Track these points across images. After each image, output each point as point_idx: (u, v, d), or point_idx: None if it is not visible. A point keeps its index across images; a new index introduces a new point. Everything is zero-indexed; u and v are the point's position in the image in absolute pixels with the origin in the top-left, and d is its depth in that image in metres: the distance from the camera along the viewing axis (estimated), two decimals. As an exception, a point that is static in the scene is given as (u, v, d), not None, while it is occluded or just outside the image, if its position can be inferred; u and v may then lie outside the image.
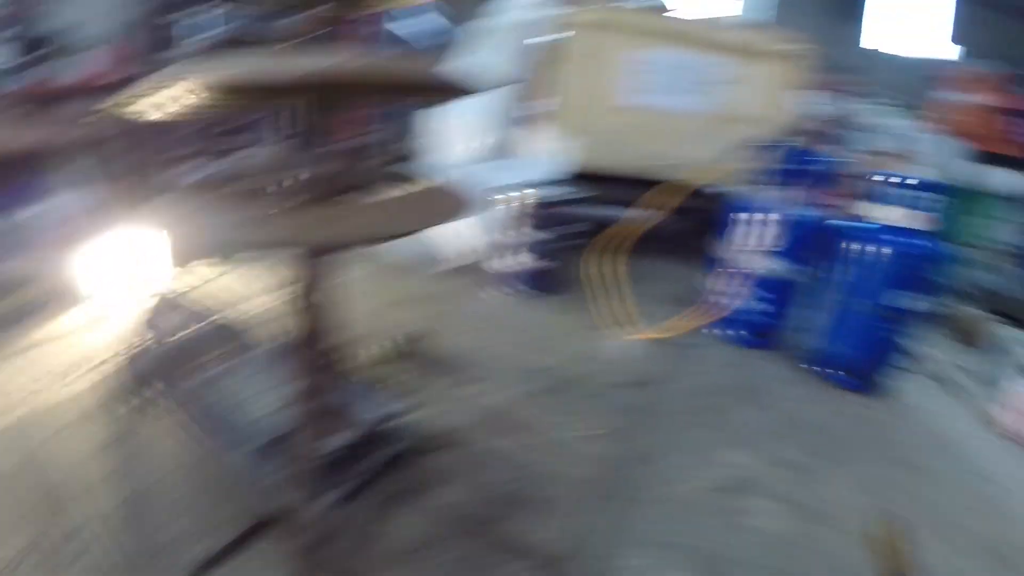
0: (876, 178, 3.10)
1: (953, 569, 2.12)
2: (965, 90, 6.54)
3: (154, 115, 1.51)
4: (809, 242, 3.25)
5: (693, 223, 5.49)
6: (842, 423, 2.89)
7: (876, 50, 7.26)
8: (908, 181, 2.98)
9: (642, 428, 2.67)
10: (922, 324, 3.22)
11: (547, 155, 4.28)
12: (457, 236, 4.03)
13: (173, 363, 2.42)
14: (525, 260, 3.81)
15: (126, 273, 3.68)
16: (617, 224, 4.05)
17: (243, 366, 2.52)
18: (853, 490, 2.43)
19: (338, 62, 1.27)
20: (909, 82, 7.24)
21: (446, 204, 1.55)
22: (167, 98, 1.42)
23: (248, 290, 3.63)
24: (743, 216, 3.44)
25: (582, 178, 4.17)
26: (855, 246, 3.04)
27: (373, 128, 7.21)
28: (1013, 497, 2.58)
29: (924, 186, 2.93)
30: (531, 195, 3.71)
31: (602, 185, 4.35)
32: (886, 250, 2.94)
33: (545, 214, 3.70)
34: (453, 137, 4.51)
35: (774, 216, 3.20)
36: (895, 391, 3.21)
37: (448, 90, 1.62)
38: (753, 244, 3.29)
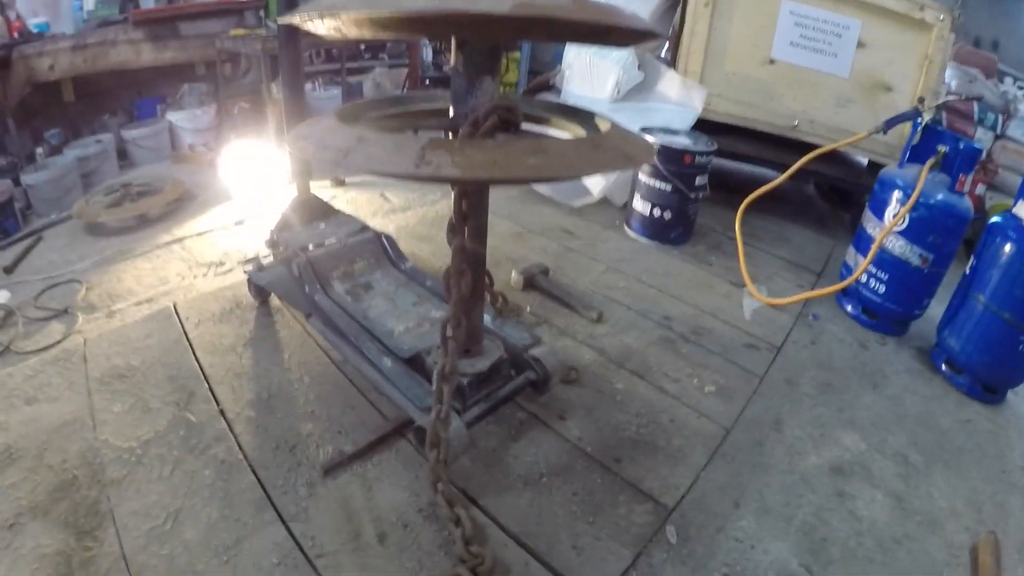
0: None
1: None
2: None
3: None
4: (946, 230, 3.05)
5: (830, 190, 5.34)
6: (957, 429, 2.75)
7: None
8: None
9: (768, 394, 2.64)
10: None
11: (683, 102, 4.23)
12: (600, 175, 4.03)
13: (307, 270, 2.47)
14: (657, 208, 3.77)
15: (261, 179, 4.07)
16: (750, 181, 3.97)
17: (382, 281, 2.58)
18: (960, 500, 2.34)
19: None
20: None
21: (627, 151, 1.50)
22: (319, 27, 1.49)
23: (372, 208, 3.72)
24: (883, 188, 3.27)
25: (712, 129, 4.10)
26: (996, 244, 2.82)
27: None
28: None
29: None
30: (668, 140, 3.63)
31: (735, 138, 4.29)
32: None
33: (680, 161, 3.59)
34: (590, 74, 4.46)
35: (911, 195, 3.00)
36: (1018, 408, 3.03)
37: (629, 35, 1.55)
38: (888, 222, 3.11)
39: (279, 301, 2.74)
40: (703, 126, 4.07)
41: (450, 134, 1.75)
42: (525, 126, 1.72)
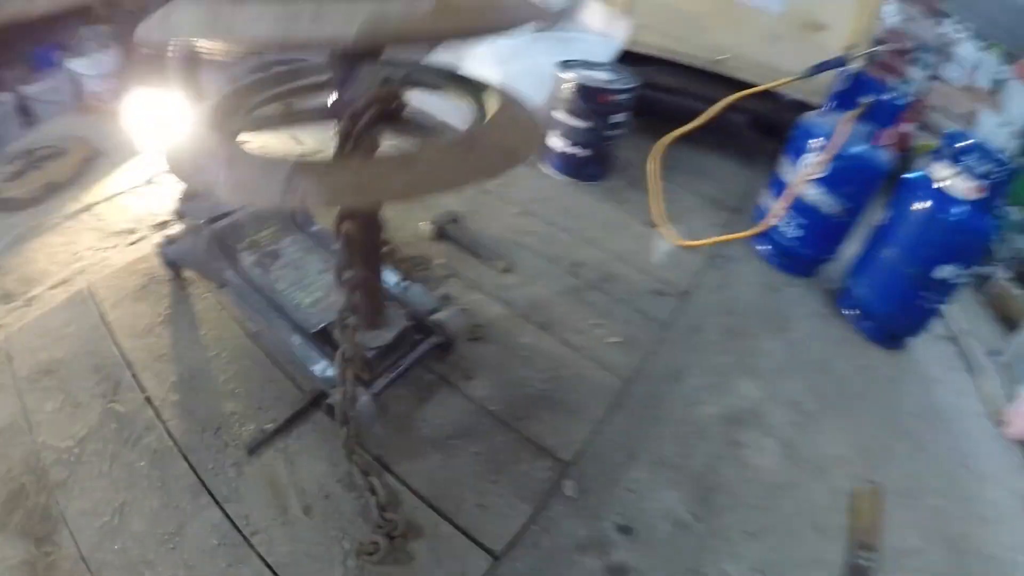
0: (945, 138, 3.04)
1: (912, 547, 2.36)
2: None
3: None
4: (860, 180, 3.27)
5: (755, 124, 5.38)
6: (856, 375, 3.05)
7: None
8: (976, 147, 2.88)
9: (673, 342, 2.91)
10: (962, 293, 3.31)
11: (606, 33, 4.34)
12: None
13: (213, 245, 2.58)
14: (573, 145, 3.97)
15: (168, 129, 3.91)
16: (679, 108, 4.17)
17: (289, 247, 2.73)
18: (848, 446, 2.64)
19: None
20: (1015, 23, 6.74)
21: (508, 144, 1.60)
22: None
23: (283, 153, 3.82)
24: (802, 135, 3.47)
25: (638, 60, 4.29)
26: (909, 203, 3.05)
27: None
28: (990, 495, 2.74)
29: (990, 157, 2.84)
30: (584, 77, 3.84)
31: (661, 70, 4.41)
32: (937, 216, 2.93)
33: (595, 99, 3.83)
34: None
35: (830, 143, 3.20)
36: (917, 355, 3.33)
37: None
38: (806, 167, 3.33)
39: (189, 276, 2.89)
40: (629, 57, 4.22)
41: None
42: (415, 97, 1.84)
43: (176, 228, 2.91)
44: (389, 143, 1.80)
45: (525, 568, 1.97)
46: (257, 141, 3.99)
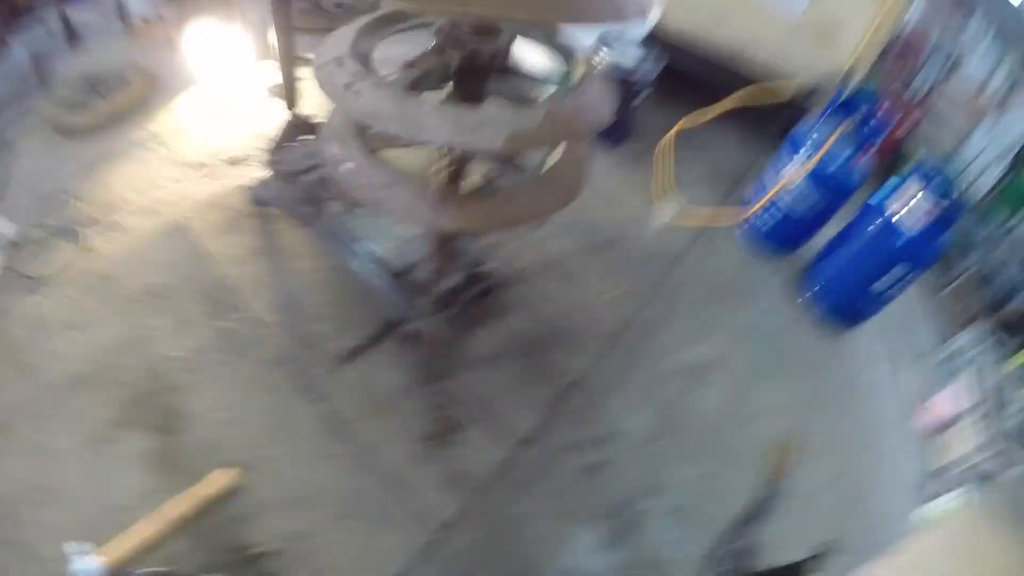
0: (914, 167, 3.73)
1: (810, 491, 3.07)
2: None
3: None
4: (833, 192, 3.94)
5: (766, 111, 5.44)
6: (804, 347, 3.89)
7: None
8: (935, 178, 3.54)
9: (659, 300, 3.81)
10: (918, 291, 4.03)
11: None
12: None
13: (305, 193, 3.15)
14: None
15: (226, 64, 4.42)
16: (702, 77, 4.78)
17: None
18: (780, 404, 3.47)
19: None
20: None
21: (568, 184, 2.28)
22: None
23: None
24: (792, 143, 4.11)
25: (662, 43, 4.80)
26: (865, 223, 3.78)
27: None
28: (887, 470, 3.41)
29: (946, 190, 3.51)
30: (615, 56, 4.47)
31: (681, 53, 4.91)
32: (885, 241, 3.60)
33: (623, 80, 4.41)
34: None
35: (813, 154, 3.83)
36: (858, 342, 4.05)
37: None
38: (789, 172, 3.99)
39: (276, 215, 3.50)
40: (653, 38, 4.78)
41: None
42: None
43: (260, 171, 3.46)
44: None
45: (541, 452, 2.90)
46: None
